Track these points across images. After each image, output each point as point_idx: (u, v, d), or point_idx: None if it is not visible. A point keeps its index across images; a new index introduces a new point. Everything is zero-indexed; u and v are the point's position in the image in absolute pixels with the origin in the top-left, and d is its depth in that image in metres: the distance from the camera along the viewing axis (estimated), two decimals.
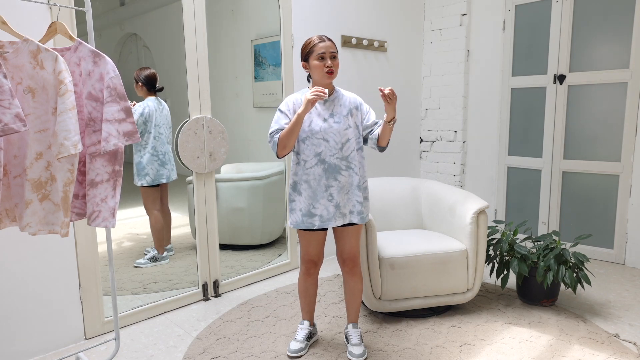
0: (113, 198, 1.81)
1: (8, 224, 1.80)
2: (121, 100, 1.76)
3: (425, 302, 2.60)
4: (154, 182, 3.19)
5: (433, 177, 4.49)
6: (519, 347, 2.33)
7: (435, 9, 4.29)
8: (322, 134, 2.06)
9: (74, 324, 2.41)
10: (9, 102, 1.50)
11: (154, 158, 3.16)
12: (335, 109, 2.10)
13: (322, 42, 2.04)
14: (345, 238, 2.19)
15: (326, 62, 2.03)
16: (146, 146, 3.13)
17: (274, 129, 2.07)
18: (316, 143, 2.07)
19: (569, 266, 2.64)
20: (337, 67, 2.06)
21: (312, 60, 2.04)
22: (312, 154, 2.07)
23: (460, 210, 2.68)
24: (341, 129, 2.08)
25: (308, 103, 1.95)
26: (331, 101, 2.12)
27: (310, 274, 2.27)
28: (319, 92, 1.94)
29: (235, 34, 4.05)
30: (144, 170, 3.14)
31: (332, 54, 2.04)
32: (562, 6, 3.58)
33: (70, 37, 1.84)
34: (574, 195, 3.69)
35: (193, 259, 3.27)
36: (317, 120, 2.08)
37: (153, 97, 3.16)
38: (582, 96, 3.58)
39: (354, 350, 2.22)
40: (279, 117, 2.10)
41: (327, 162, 2.07)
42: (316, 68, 2.04)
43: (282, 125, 2.06)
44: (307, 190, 2.10)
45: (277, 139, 2.04)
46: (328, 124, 2.07)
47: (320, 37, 2.06)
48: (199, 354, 2.29)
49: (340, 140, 2.07)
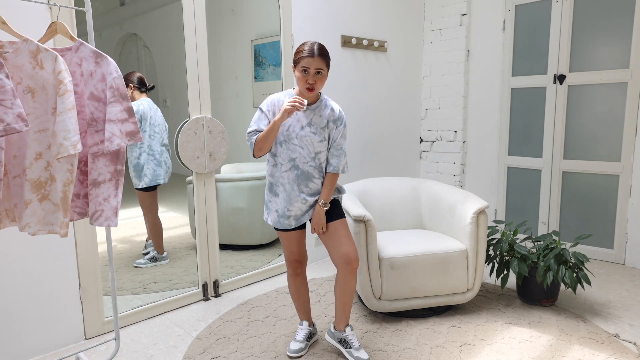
0: (115, 197, 1.81)
1: (8, 224, 1.80)
2: (124, 100, 1.76)
3: (425, 302, 2.60)
4: (151, 183, 3.18)
5: (433, 177, 4.49)
6: (519, 347, 2.33)
7: (435, 9, 4.29)
8: (298, 140, 2.06)
9: (74, 324, 2.41)
10: (11, 102, 1.50)
11: (150, 157, 3.15)
12: (314, 119, 2.08)
13: (309, 57, 1.96)
14: (335, 239, 2.12)
15: (308, 77, 1.98)
16: (142, 145, 3.12)
17: (252, 129, 2.08)
18: (292, 148, 2.07)
19: (569, 266, 2.64)
20: (321, 82, 2.01)
21: (297, 71, 2.01)
22: (287, 158, 2.08)
23: (460, 210, 2.68)
24: (315, 140, 2.07)
25: (284, 113, 1.95)
26: (312, 110, 2.09)
27: (297, 274, 2.28)
28: (296, 103, 1.92)
29: (235, 34, 4.04)
30: (142, 171, 3.13)
31: (317, 70, 1.98)
32: (562, 6, 3.58)
33: (71, 37, 1.84)
34: (574, 195, 3.69)
35: (193, 259, 3.26)
36: (295, 126, 2.07)
37: (145, 97, 3.16)
38: (582, 96, 3.58)
39: (360, 355, 2.16)
40: (258, 118, 2.10)
41: (300, 169, 2.08)
42: (299, 80, 2.01)
43: (260, 127, 2.07)
44: (282, 193, 2.11)
45: (254, 140, 2.06)
46: (305, 132, 2.07)
47: (310, 49, 1.97)
48: (199, 354, 2.29)
49: (313, 150, 2.08)
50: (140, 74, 3.18)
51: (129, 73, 3.17)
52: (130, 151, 3.13)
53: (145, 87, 3.17)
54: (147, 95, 3.19)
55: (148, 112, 3.13)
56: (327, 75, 2.04)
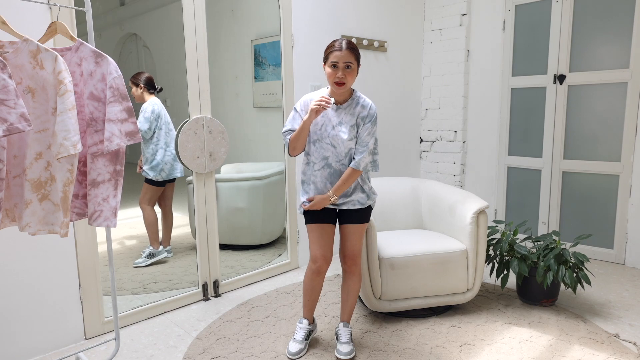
0: (114, 198, 1.81)
1: (8, 223, 1.80)
2: (124, 100, 1.76)
3: (425, 302, 2.60)
4: (169, 177, 3.25)
5: (433, 177, 4.49)
6: (519, 347, 2.33)
7: (435, 9, 4.29)
8: (330, 139, 2.09)
9: (74, 324, 2.41)
10: (14, 102, 1.50)
11: (168, 153, 3.22)
12: (344, 118, 2.10)
13: (338, 51, 1.99)
14: (348, 235, 2.21)
15: (337, 72, 1.99)
16: (158, 142, 3.18)
17: (287, 128, 2.15)
18: (324, 147, 2.10)
19: (569, 266, 2.64)
20: (351, 77, 2.02)
21: (327, 67, 2.03)
22: (320, 157, 2.12)
23: (460, 210, 2.68)
24: (346, 139, 2.09)
25: (312, 112, 1.98)
26: (343, 109, 2.11)
27: (320, 273, 2.21)
28: (322, 102, 1.95)
29: (235, 34, 4.05)
30: (159, 167, 3.20)
31: (346, 64, 1.99)
32: (562, 6, 3.58)
33: (71, 37, 1.84)
34: (574, 195, 3.69)
35: (193, 259, 3.27)
36: (327, 125, 2.10)
37: (155, 98, 3.19)
38: (582, 96, 3.58)
39: (341, 348, 2.24)
40: (293, 117, 2.15)
41: (332, 167, 2.12)
42: (328, 76, 2.03)
43: (294, 127, 2.13)
44: (313, 191, 2.15)
45: (289, 140, 2.12)
46: (335, 131, 2.09)
47: (340, 44, 2.00)
48: (199, 354, 2.29)
49: (344, 149, 2.10)
50: (149, 75, 3.23)
51: (138, 73, 3.20)
52: (146, 147, 3.19)
53: (154, 89, 3.21)
54: (156, 96, 3.23)
55: (162, 110, 3.19)
56: (357, 70, 2.05)
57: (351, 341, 2.28)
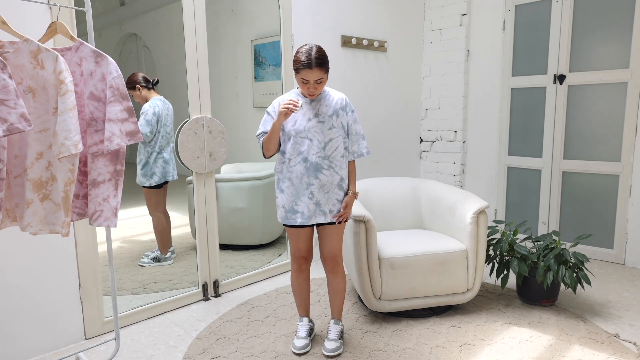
0: (115, 197, 1.81)
1: (9, 223, 1.80)
2: (124, 100, 1.76)
3: (425, 302, 2.60)
4: (161, 181, 3.23)
5: (433, 177, 4.49)
6: (519, 347, 2.33)
7: (435, 9, 4.29)
8: (306, 132, 2.11)
9: (74, 324, 2.41)
10: (15, 102, 1.50)
11: (160, 157, 3.20)
12: (320, 109, 2.14)
13: (307, 70, 1.99)
14: (326, 237, 2.23)
15: (309, 86, 2.05)
16: (154, 145, 3.16)
17: (260, 131, 2.20)
18: (300, 142, 2.12)
19: (569, 266, 2.64)
20: (322, 86, 2.09)
21: (297, 79, 2.07)
22: (296, 152, 2.13)
23: (460, 210, 2.68)
24: (324, 128, 2.12)
25: (280, 115, 2.01)
26: (317, 101, 2.15)
27: (302, 270, 2.31)
28: (289, 105, 1.97)
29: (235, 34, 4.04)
30: (151, 170, 3.17)
31: (316, 81, 2.04)
32: (562, 6, 3.58)
33: (71, 37, 1.84)
34: (574, 195, 3.69)
35: (193, 259, 3.27)
36: (301, 119, 2.12)
37: (157, 96, 3.17)
38: (582, 96, 3.58)
39: (327, 345, 2.27)
40: (265, 120, 2.20)
41: (309, 161, 2.12)
42: (300, 86, 2.09)
43: (266, 129, 2.18)
44: (289, 188, 2.16)
45: (262, 142, 2.16)
46: (312, 123, 2.12)
47: (308, 61, 1.97)
48: (199, 354, 2.29)
49: (323, 139, 2.12)
50: (142, 74, 3.20)
51: (132, 75, 3.17)
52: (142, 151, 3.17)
53: (151, 83, 3.19)
54: (156, 92, 3.20)
55: (162, 112, 3.17)
56: (327, 79, 2.11)
57: (340, 338, 2.31)
